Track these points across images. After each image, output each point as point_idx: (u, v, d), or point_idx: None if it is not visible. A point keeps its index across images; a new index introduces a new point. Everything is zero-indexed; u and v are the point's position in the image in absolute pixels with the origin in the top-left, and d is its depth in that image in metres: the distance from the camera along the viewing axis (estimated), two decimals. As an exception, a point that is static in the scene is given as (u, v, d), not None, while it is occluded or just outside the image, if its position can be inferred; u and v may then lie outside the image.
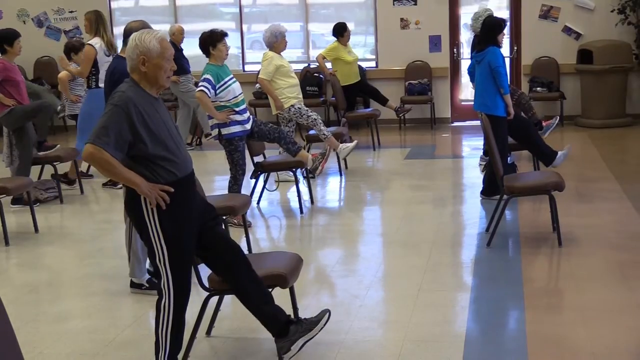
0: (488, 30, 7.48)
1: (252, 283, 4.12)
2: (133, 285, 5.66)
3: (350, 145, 8.96)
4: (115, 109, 3.81)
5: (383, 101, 11.45)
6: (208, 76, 7.14)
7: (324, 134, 8.81)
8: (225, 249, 4.14)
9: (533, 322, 4.76)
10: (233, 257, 4.13)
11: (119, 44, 6.63)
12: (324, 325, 4.20)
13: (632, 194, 7.72)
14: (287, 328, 4.13)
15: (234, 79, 7.34)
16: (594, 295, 5.21)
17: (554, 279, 5.90)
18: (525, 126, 8.03)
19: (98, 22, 8.96)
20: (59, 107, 9.88)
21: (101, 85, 8.91)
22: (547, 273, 5.99)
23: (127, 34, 5.55)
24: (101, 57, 8.89)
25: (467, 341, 4.53)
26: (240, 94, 7.30)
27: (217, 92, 7.14)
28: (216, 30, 7.35)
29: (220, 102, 7.18)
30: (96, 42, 8.89)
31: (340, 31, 11.10)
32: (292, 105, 8.73)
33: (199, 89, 7.16)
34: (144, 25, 5.35)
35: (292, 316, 4.21)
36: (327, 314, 4.23)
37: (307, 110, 8.82)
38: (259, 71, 9.03)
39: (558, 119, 9.67)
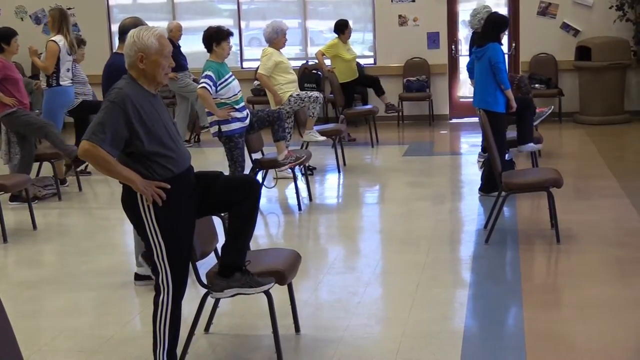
0: (492, 26, 7.47)
1: (252, 211, 4.16)
2: (138, 277, 5.66)
3: (319, 138, 9.00)
4: (112, 105, 3.80)
5: (380, 92, 11.48)
6: (210, 73, 7.14)
7: (311, 114, 8.84)
8: (238, 184, 4.20)
9: (531, 319, 4.76)
10: (248, 186, 4.17)
11: (115, 41, 6.62)
12: (265, 290, 4.18)
13: (630, 190, 7.73)
14: (233, 272, 4.15)
15: (234, 77, 7.34)
16: (592, 292, 5.21)
17: (552, 275, 5.90)
18: (527, 104, 8.14)
19: (62, 21, 8.96)
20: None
21: (62, 83, 8.96)
22: (545, 270, 6.00)
23: (121, 31, 5.60)
24: (63, 55, 8.89)
25: (465, 338, 4.54)
26: (239, 92, 7.31)
27: (218, 89, 7.14)
28: (223, 28, 7.35)
29: (221, 99, 7.18)
30: (59, 39, 8.89)
31: (342, 28, 11.10)
32: (291, 95, 8.74)
33: (200, 85, 7.16)
34: (136, 22, 5.38)
35: (245, 268, 4.20)
36: (273, 283, 4.22)
37: (306, 93, 8.86)
38: (257, 67, 9.03)
39: (552, 109, 9.71)
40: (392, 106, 11.60)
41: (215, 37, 7.25)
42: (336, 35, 11.19)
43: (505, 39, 7.76)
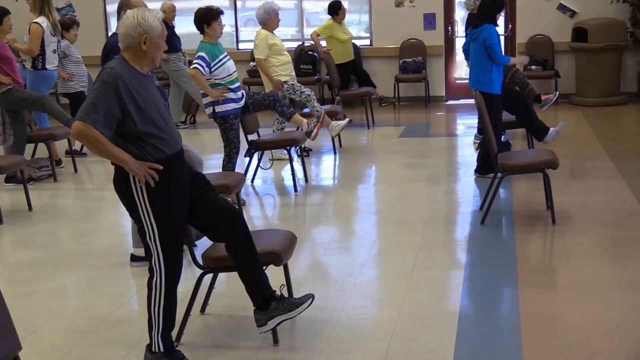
0: (488, 7, 7.40)
1: (246, 247, 4.11)
2: (134, 258, 5.66)
3: (342, 122, 8.98)
4: (104, 85, 3.77)
5: (372, 87, 11.46)
6: (203, 54, 7.10)
7: (317, 110, 8.81)
8: (219, 212, 4.11)
9: (526, 300, 4.77)
10: (227, 219, 4.10)
11: (114, 21, 6.61)
12: (305, 308, 4.22)
13: (626, 172, 7.74)
14: (268, 303, 4.15)
15: (228, 57, 7.31)
16: (587, 273, 5.22)
17: (547, 256, 5.91)
18: (524, 101, 8.11)
19: (43, 2, 8.89)
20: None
21: (48, 66, 8.92)
22: (540, 251, 6.01)
23: (120, 10, 5.60)
24: (47, 36, 8.84)
25: (460, 318, 4.55)
26: (234, 72, 7.27)
27: (212, 70, 7.11)
28: (212, 7, 7.30)
29: (215, 79, 7.15)
30: (42, 20, 8.83)
31: (335, 9, 11.07)
32: (285, 82, 8.72)
33: (193, 66, 7.13)
34: (129, 2, 5.41)
35: (277, 293, 4.22)
36: (311, 298, 4.24)
37: (300, 86, 8.81)
38: (252, 50, 8.98)
39: (558, 94, 9.68)
40: (385, 99, 11.62)
41: (204, 19, 7.20)
42: (330, 17, 11.15)
43: (501, 20, 7.69)
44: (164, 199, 3.88)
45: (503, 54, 7.51)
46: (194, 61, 7.14)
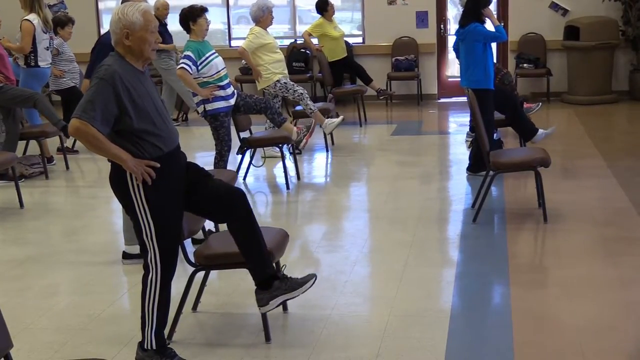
0: (472, 3, 7.38)
1: (248, 224, 4.13)
2: (126, 256, 5.65)
3: (336, 120, 8.99)
4: (101, 82, 3.76)
5: (367, 80, 11.43)
6: (188, 53, 7.09)
7: (311, 109, 8.82)
8: (217, 192, 4.12)
9: (518, 298, 4.78)
10: (226, 196, 4.12)
11: (106, 19, 6.59)
12: (308, 288, 4.23)
13: (617, 170, 7.76)
14: (271, 282, 4.16)
15: (216, 54, 7.29)
16: (578, 271, 5.24)
17: (539, 254, 5.93)
18: (513, 101, 8.12)
19: None
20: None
21: (41, 64, 8.87)
22: (532, 249, 6.02)
23: None
24: (39, 33, 8.81)
25: (452, 316, 4.55)
26: (222, 69, 7.25)
27: (199, 68, 7.09)
28: (196, 5, 7.31)
29: (203, 78, 7.13)
30: (33, 17, 8.79)
31: (324, 7, 11.07)
32: (278, 81, 8.72)
33: (179, 66, 7.12)
34: None
35: (280, 273, 4.23)
36: (314, 278, 4.25)
37: (293, 84, 8.81)
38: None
39: (540, 105, 9.69)
40: (383, 92, 11.60)
41: (190, 16, 7.20)
42: (320, 15, 11.15)
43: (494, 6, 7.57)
44: (160, 196, 3.87)
45: (494, 38, 7.51)
46: (181, 61, 7.13)
